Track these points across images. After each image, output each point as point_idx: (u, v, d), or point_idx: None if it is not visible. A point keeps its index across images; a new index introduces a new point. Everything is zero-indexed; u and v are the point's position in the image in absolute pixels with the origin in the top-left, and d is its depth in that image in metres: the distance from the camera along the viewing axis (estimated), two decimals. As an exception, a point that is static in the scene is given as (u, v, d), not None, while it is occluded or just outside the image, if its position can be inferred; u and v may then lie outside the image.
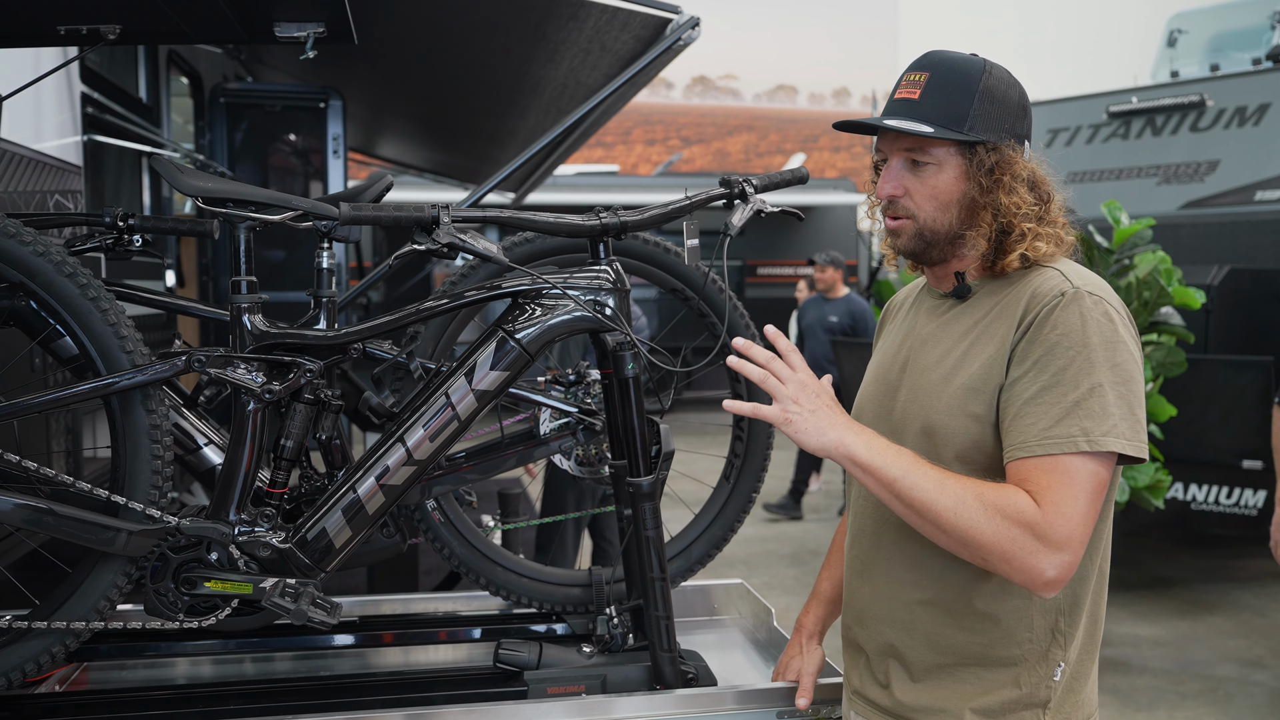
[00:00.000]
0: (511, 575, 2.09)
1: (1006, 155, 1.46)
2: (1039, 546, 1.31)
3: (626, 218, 1.79)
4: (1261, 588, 5.73)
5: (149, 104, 4.29)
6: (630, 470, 1.80)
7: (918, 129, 1.45)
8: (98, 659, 2.06)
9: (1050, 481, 1.33)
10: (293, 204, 1.75)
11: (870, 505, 1.59)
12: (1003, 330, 1.44)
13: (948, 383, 1.47)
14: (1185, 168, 6.26)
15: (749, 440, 2.16)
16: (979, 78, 1.48)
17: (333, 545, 1.77)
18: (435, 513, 2.04)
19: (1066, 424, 1.33)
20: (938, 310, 1.58)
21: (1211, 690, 4.35)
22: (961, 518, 1.33)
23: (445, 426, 1.76)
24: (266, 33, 2.14)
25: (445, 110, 6.26)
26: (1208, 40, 7.56)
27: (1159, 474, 4.20)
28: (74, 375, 1.77)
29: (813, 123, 16.71)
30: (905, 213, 1.52)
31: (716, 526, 2.18)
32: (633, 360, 1.76)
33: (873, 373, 1.68)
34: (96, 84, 3.53)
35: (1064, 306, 1.38)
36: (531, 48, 4.23)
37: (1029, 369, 1.38)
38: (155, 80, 4.36)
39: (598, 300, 1.78)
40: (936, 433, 1.46)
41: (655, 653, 1.83)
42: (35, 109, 3.00)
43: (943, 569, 1.47)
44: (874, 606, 1.58)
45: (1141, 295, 4.26)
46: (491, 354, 1.76)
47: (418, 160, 9.18)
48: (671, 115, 15.92)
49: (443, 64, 4.90)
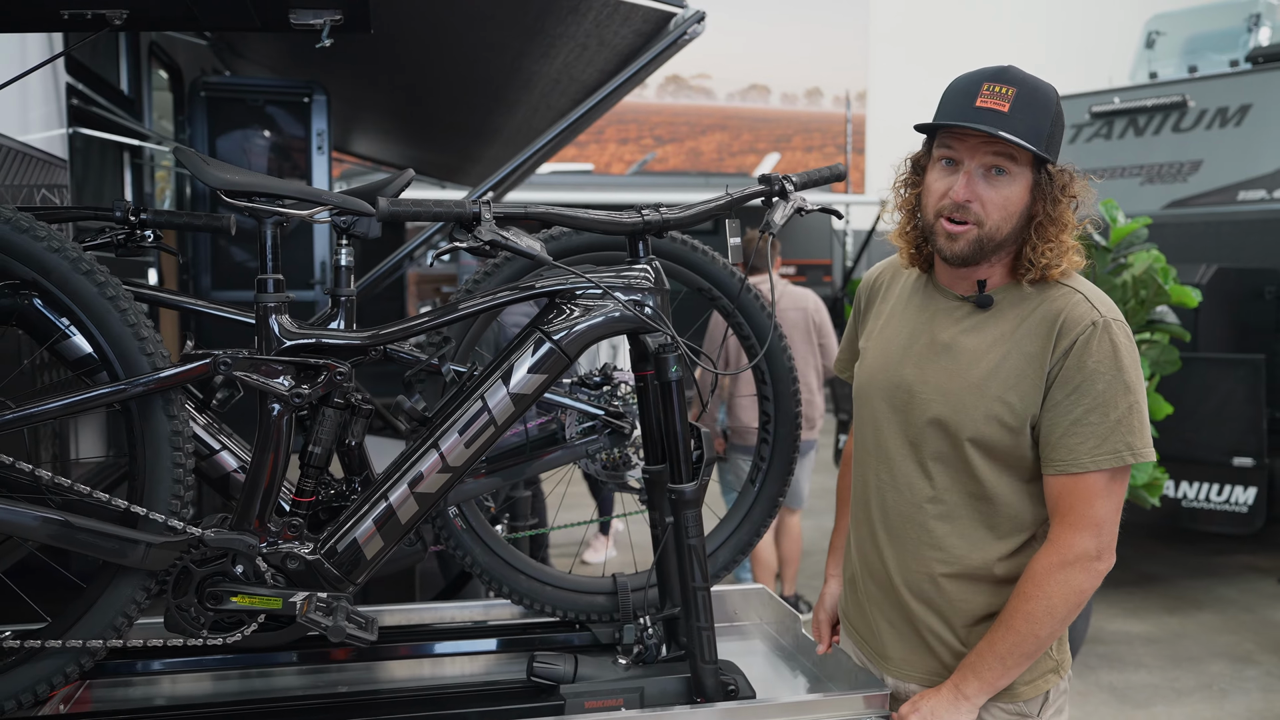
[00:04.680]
0: (535, 583, 2.03)
1: (1071, 175, 1.58)
2: (1099, 566, 1.56)
3: (669, 214, 1.73)
4: (1246, 584, 5.79)
5: (131, 97, 4.16)
6: (672, 476, 1.74)
7: (1021, 142, 1.51)
8: (102, 675, 1.94)
9: (1091, 497, 1.54)
10: (324, 199, 1.66)
11: (893, 489, 1.71)
12: (1034, 349, 1.56)
13: (982, 392, 1.58)
14: (1168, 168, 6.32)
15: (775, 443, 2.11)
16: (1055, 101, 1.57)
17: (363, 556, 1.70)
18: (457, 519, 1.97)
19: (1113, 441, 1.52)
20: (955, 314, 1.66)
21: (1206, 686, 4.37)
22: (1055, 620, 1.56)
23: (481, 431, 1.69)
24: (281, 20, 2.05)
25: (427, 106, 6.14)
26: (1184, 42, 7.64)
27: (1157, 472, 4.21)
28: (82, 378, 1.67)
29: (785, 122, 16.74)
30: (973, 219, 1.56)
31: (742, 531, 2.12)
32: (677, 363, 1.71)
33: (879, 361, 1.75)
34: (81, 75, 3.41)
35: (1099, 336, 1.53)
36: (527, 42, 4.15)
37: (1071, 393, 1.54)
38: (137, 72, 4.22)
39: (639, 300, 1.72)
40: (958, 429, 1.60)
41: (696, 664, 1.76)
42: (22, 99, 2.87)
43: (968, 549, 1.65)
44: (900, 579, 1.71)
45: (1139, 293, 4.27)
46: (529, 356, 1.69)
47: (393, 157, 9.04)
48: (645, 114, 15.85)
49: (429, 58, 4.80)
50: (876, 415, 1.74)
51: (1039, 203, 1.56)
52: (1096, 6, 16.50)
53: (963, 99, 1.56)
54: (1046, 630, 1.56)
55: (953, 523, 1.65)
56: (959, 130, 1.55)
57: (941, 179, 1.59)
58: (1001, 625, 1.59)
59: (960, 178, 1.56)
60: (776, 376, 2.09)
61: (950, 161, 1.59)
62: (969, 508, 1.65)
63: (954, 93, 1.59)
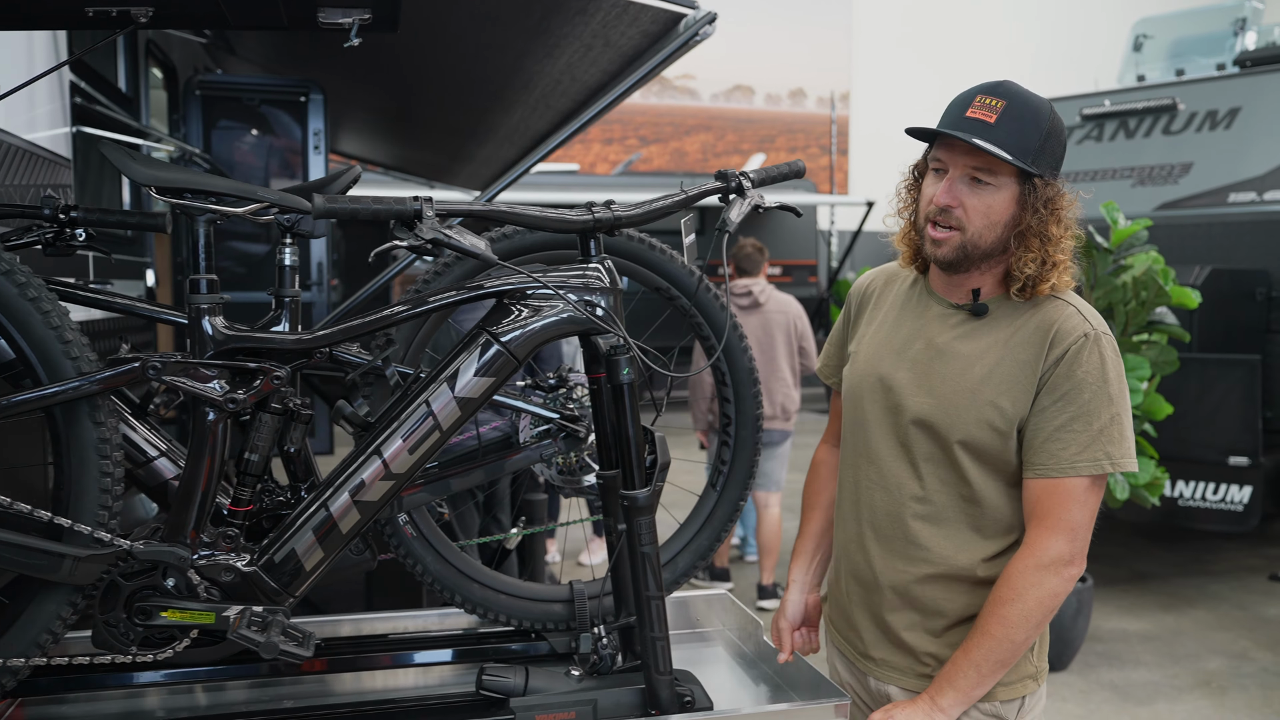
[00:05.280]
0: (489, 592, 1.96)
1: (1059, 190, 1.62)
2: (1071, 571, 1.59)
3: (621, 212, 1.67)
4: (1237, 581, 5.86)
5: (129, 95, 4.10)
6: (625, 482, 1.67)
7: (998, 152, 1.55)
8: (35, 694, 1.82)
9: (1069, 502, 1.58)
10: (259, 195, 1.60)
11: (881, 489, 1.73)
12: (1027, 357, 1.61)
13: (974, 397, 1.62)
14: (1159, 170, 6.38)
15: (736, 445, 2.04)
16: (1048, 117, 1.60)
17: (303, 567, 1.63)
18: (407, 527, 1.90)
19: (1093, 449, 1.57)
20: (950, 320, 1.70)
21: (1205, 684, 4.42)
22: (1030, 624, 1.58)
23: (426, 437, 1.63)
24: (309, 19, 2.02)
25: (420, 105, 6.10)
26: (1171, 45, 7.72)
27: (1157, 472, 4.25)
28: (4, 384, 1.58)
29: (769, 123, 16.78)
30: (956, 224, 1.61)
31: (703, 536, 2.05)
32: (628, 365, 1.65)
33: (870, 363, 1.77)
34: (83, 73, 3.35)
35: (1089, 349, 1.57)
36: (530, 42, 4.12)
37: (1058, 400, 1.58)
38: (135, 70, 4.16)
39: (589, 300, 1.65)
40: (947, 431, 1.64)
41: (650, 675, 1.71)
42: (28, 97, 2.82)
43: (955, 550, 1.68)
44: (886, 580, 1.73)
45: (1139, 294, 4.31)
46: (475, 358, 1.63)
47: (381, 156, 8.97)
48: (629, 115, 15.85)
49: (427, 58, 4.76)
50: (867, 416, 1.76)
51: (1024, 214, 1.59)
52: (1083, 9, 16.65)
53: (957, 109, 1.62)
54: (1022, 635, 1.58)
55: (941, 524, 1.68)
56: (947, 139, 1.61)
57: (932, 185, 1.65)
58: (977, 632, 1.60)
59: (944, 183, 1.62)
60: (737, 378, 2.03)
61: (940, 169, 1.64)
62: (958, 509, 1.67)
63: (952, 103, 1.65)
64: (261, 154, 5.11)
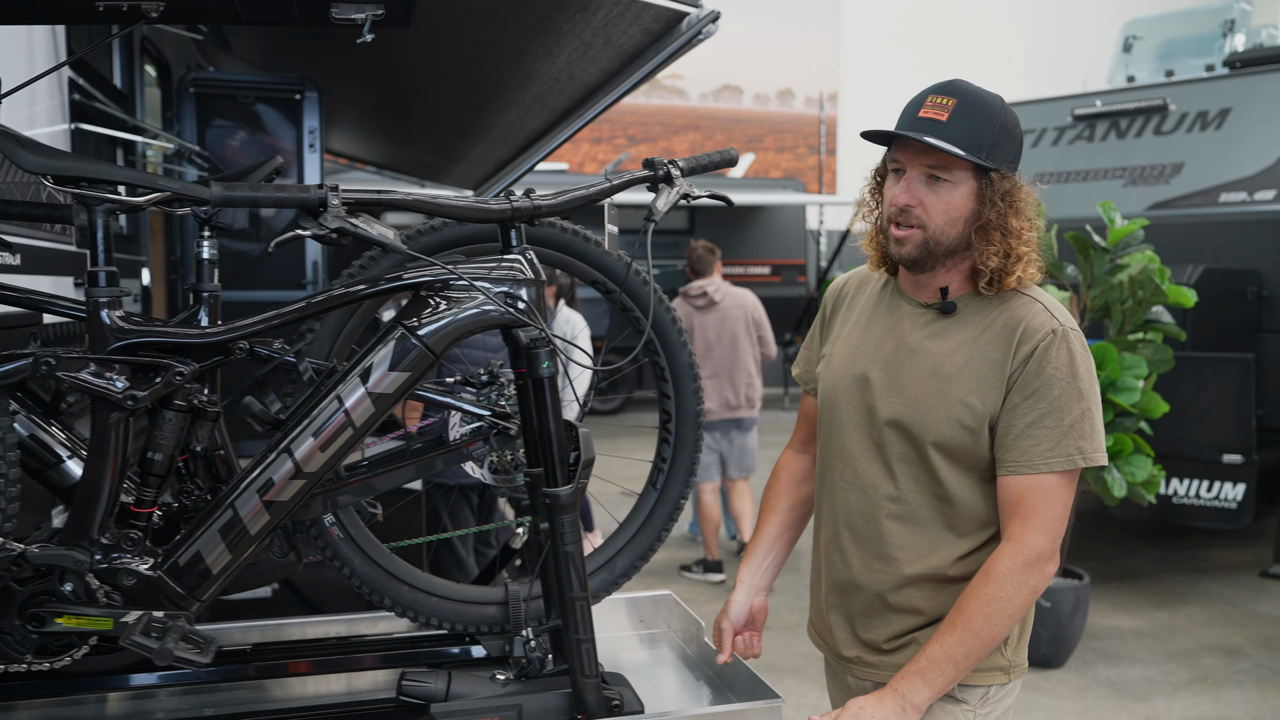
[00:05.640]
0: (420, 594, 1.90)
1: (1015, 183, 1.64)
2: (1050, 568, 1.60)
3: (540, 201, 1.62)
4: (1228, 578, 5.90)
5: (124, 92, 4.06)
6: (547, 479, 1.62)
7: (950, 148, 1.57)
8: None
9: (1045, 498, 1.59)
10: (159, 185, 1.52)
11: (857, 491, 1.74)
12: (996, 355, 1.62)
13: (944, 395, 1.64)
14: (1151, 170, 6.42)
15: (676, 443, 1.98)
16: (999, 112, 1.63)
17: (209, 571, 1.57)
18: (334, 528, 1.84)
19: (1065, 445, 1.58)
20: (920, 320, 1.71)
21: (1201, 680, 4.45)
22: (1012, 621, 1.58)
23: (338, 434, 1.57)
24: (321, 14, 2.00)
25: (415, 103, 6.06)
26: (1160, 46, 7.78)
27: (1154, 470, 4.27)
28: None
29: (758, 123, 16.81)
30: (917, 222, 1.63)
31: (643, 536, 1.99)
32: (548, 358, 1.59)
33: (844, 364, 1.78)
34: (81, 70, 3.32)
35: (1057, 345, 1.59)
36: (530, 39, 4.10)
37: (1028, 397, 1.60)
38: (130, 67, 4.13)
39: (510, 293, 1.60)
40: (921, 431, 1.65)
41: (576, 679, 1.66)
42: (28, 93, 2.79)
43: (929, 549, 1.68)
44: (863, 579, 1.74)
45: (1135, 294, 4.33)
46: (390, 353, 1.57)
47: (374, 155, 8.91)
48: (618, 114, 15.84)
49: (424, 55, 4.74)
50: (842, 417, 1.76)
51: (984, 208, 1.62)
52: (1071, 10, 16.75)
53: (911, 110, 1.64)
54: (1004, 631, 1.59)
55: (916, 524, 1.69)
56: (903, 140, 1.63)
57: (892, 187, 1.68)
58: (959, 629, 1.58)
59: (902, 183, 1.64)
60: (677, 373, 1.97)
61: (899, 170, 1.66)
62: (932, 509, 1.68)
63: (907, 105, 1.67)
64: (255, 152, 5.07)
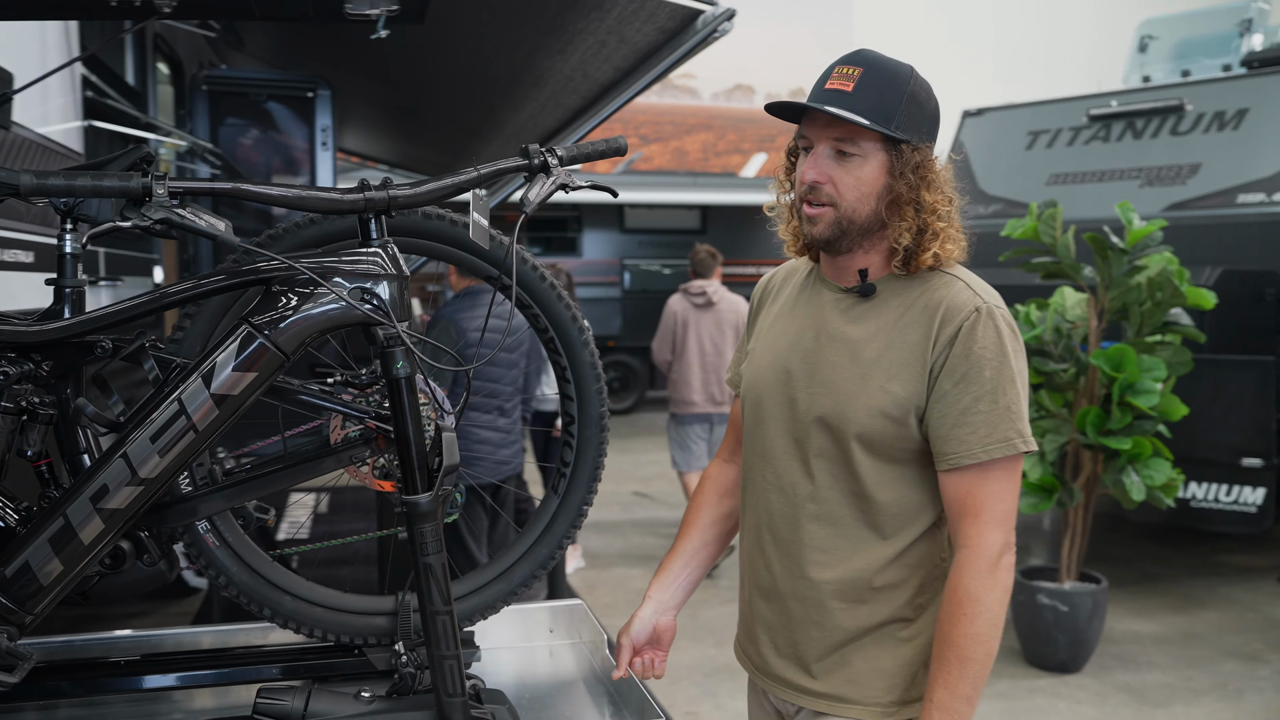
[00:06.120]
0: (302, 604, 1.81)
1: (928, 155, 1.55)
2: (1010, 559, 1.51)
3: (397, 191, 1.51)
4: (1248, 583, 5.84)
5: (137, 90, 4.06)
6: (405, 486, 1.53)
7: (855, 119, 1.49)
8: None
9: (992, 490, 1.50)
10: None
11: (777, 491, 1.65)
12: (916, 339, 1.53)
13: (864, 384, 1.55)
14: (1167, 171, 6.36)
15: (579, 447, 1.88)
16: (908, 81, 1.54)
17: (39, 584, 1.48)
18: (208, 535, 1.76)
19: (1003, 429, 1.49)
20: (840, 306, 1.62)
21: (1221, 686, 4.40)
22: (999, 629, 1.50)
23: (179, 438, 1.47)
24: (336, 10, 1.98)
25: (428, 101, 6.04)
26: (1175, 46, 7.70)
27: (1174, 473, 4.22)
28: None
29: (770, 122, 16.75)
30: (827, 199, 1.55)
31: (543, 545, 1.90)
32: (404, 358, 1.51)
33: (766, 358, 1.70)
34: (94, 67, 3.31)
35: (982, 323, 1.50)
36: (544, 37, 4.08)
37: (958, 381, 1.50)
38: (143, 65, 4.12)
39: (364, 288, 1.50)
40: (843, 424, 1.56)
41: (440, 698, 1.58)
42: (41, 91, 2.78)
43: (851, 551, 1.59)
44: (785, 587, 1.65)
45: (1154, 295, 4.28)
46: (235, 352, 1.47)
47: (385, 154, 8.90)
48: (629, 113, 15.81)
49: (436, 53, 4.72)
50: (763, 414, 1.67)
51: (895, 182, 1.53)
52: (1086, 10, 16.65)
53: (819, 84, 1.56)
54: (995, 644, 1.49)
55: (834, 524, 1.59)
56: (811, 114, 1.54)
57: (806, 163, 1.58)
58: (953, 663, 1.47)
59: (809, 159, 1.55)
60: (579, 373, 1.87)
61: (808, 147, 1.58)
62: (850, 507, 1.59)
63: (816, 80, 1.59)
64: (268, 150, 5.06)
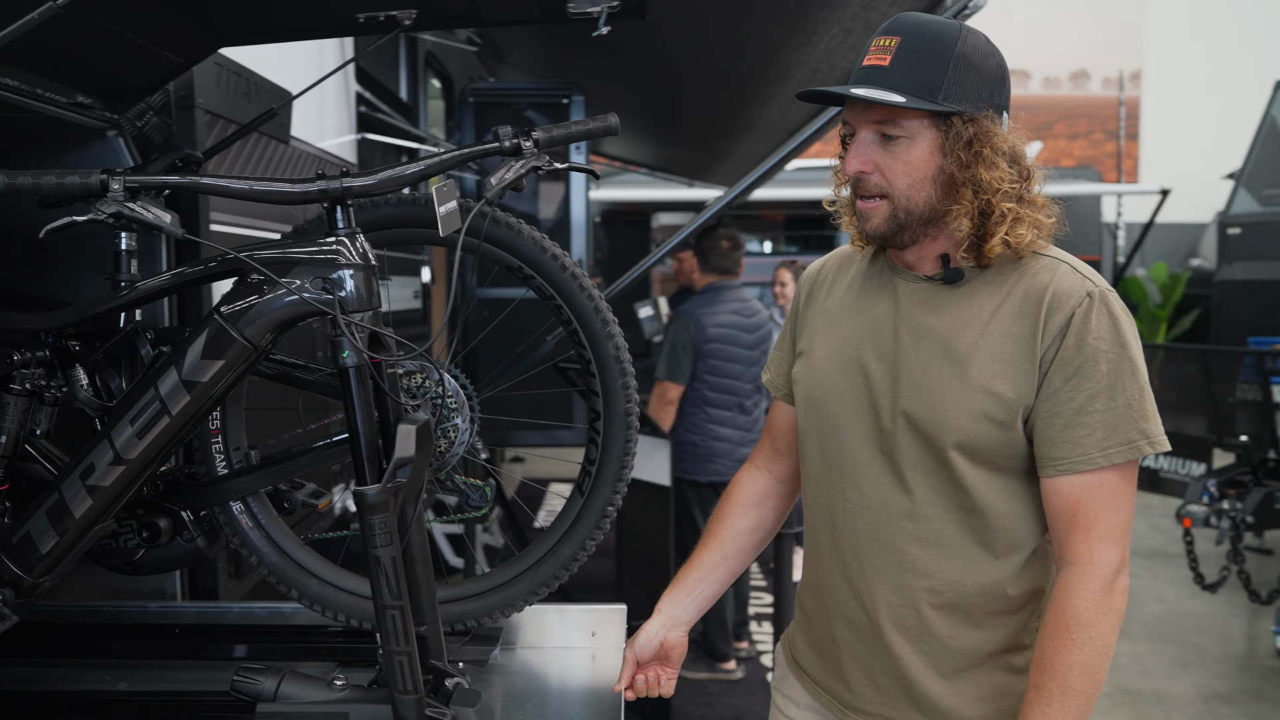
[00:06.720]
0: (328, 588, 1.86)
1: (985, 127, 1.35)
2: (1124, 581, 1.33)
3: (351, 182, 1.51)
4: None
5: (409, 104, 4.40)
6: (356, 477, 1.53)
7: (887, 98, 1.33)
8: None
9: (1107, 500, 1.32)
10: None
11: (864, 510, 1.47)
12: (1021, 331, 1.35)
13: (964, 384, 1.37)
14: None
15: (604, 445, 1.80)
16: (954, 43, 1.35)
17: (39, 551, 1.60)
18: (242, 516, 1.82)
19: (1125, 429, 1.31)
20: (919, 295, 1.44)
21: None
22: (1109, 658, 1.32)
23: (154, 422, 1.55)
24: (559, 10, 2.04)
25: (678, 102, 6.15)
26: None
27: None
28: None
29: (1047, 108, 15.68)
30: (877, 190, 1.40)
31: (567, 545, 1.83)
32: (349, 348, 1.49)
33: (832, 359, 1.51)
34: (368, 83, 3.62)
35: (1096, 310, 1.33)
36: (787, 30, 4.01)
37: (1071, 377, 1.33)
38: (415, 80, 4.47)
39: (326, 278, 1.51)
40: (940, 432, 1.38)
41: (393, 695, 1.55)
42: (319, 107, 3.07)
43: (960, 573, 1.41)
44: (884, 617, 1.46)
45: None
46: (202, 340, 1.54)
47: (640, 156, 9.19)
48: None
49: (685, 53, 4.77)
50: (835, 424, 1.49)
51: (945, 162, 1.36)
52: None
53: (861, 62, 1.40)
54: (1103, 675, 1.31)
55: (939, 542, 1.41)
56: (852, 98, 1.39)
57: (848, 153, 1.44)
58: (1055, 694, 1.30)
59: (851, 148, 1.41)
60: (604, 366, 1.76)
61: (852, 135, 1.43)
62: (958, 523, 1.40)
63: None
64: (526, 156, 5.33)
